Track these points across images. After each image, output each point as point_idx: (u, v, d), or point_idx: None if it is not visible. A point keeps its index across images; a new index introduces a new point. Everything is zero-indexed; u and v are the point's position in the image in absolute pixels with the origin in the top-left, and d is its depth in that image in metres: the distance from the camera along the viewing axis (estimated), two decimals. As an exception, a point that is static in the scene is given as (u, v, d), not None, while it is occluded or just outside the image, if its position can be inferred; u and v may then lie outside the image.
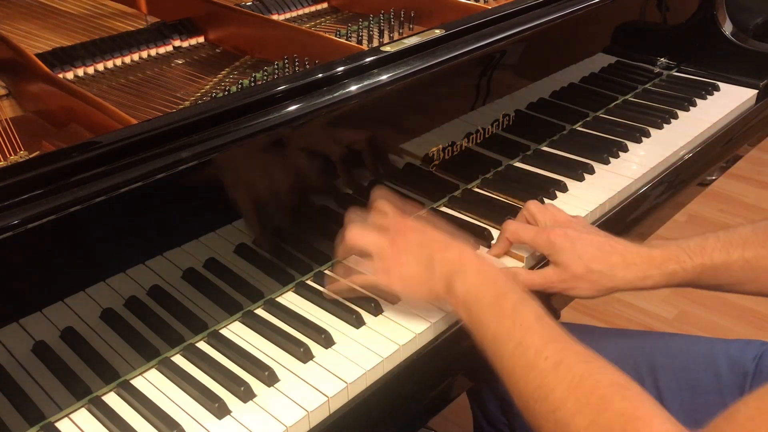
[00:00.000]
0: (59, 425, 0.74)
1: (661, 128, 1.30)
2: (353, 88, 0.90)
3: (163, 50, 1.19)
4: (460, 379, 0.90)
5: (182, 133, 0.78)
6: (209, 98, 1.05)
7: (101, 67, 1.12)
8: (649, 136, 1.26)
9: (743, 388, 0.91)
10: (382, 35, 1.25)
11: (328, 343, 0.82)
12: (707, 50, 1.52)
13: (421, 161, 1.02)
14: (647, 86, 1.45)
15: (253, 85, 1.07)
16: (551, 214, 0.94)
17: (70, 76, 1.09)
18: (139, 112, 1.00)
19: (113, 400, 0.77)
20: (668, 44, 1.50)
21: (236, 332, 0.85)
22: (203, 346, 0.83)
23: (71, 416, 0.75)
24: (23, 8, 1.31)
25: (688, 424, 0.65)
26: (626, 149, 1.22)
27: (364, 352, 0.81)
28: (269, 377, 0.78)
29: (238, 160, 0.82)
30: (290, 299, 0.90)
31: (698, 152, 1.27)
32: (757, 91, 1.41)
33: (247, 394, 0.76)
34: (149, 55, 1.18)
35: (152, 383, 0.79)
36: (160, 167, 0.75)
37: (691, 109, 1.36)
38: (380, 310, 0.86)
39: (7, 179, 0.68)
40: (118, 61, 1.14)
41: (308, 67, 1.10)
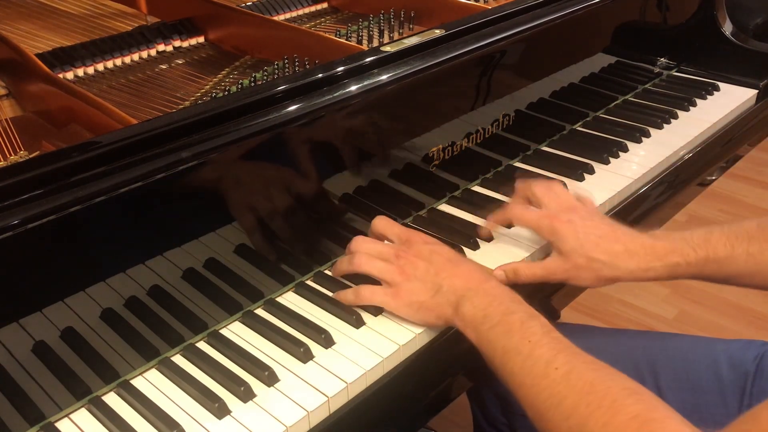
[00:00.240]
0: (59, 425, 0.74)
1: (661, 128, 1.30)
2: (353, 88, 0.90)
3: (163, 50, 1.19)
4: (460, 379, 0.90)
5: (182, 133, 0.78)
6: (209, 98, 1.05)
7: (101, 67, 1.12)
8: (649, 136, 1.26)
9: (744, 388, 0.91)
10: (382, 35, 1.25)
11: (328, 343, 0.82)
12: (707, 50, 1.52)
13: (421, 161, 1.02)
14: (647, 86, 1.45)
15: (253, 85, 1.07)
16: (555, 196, 0.93)
17: (70, 76, 1.09)
18: (139, 112, 1.00)
19: (113, 400, 0.77)
20: (668, 44, 1.50)
21: (236, 332, 0.85)
22: (203, 346, 0.83)
23: (71, 416, 0.75)
24: (23, 8, 1.30)
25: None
26: (626, 149, 1.22)
27: (364, 352, 0.81)
28: (269, 377, 0.78)
29: (238, 160, 0.82)
30: (290, 299, 0.90)
31: (698, 152, 1.27)
32: (757, 91, 1.41)
33: (247, 394, 0.76)
34: (149, 54, 1.18)
35: (152, 383, 0.79)
36: (160, 167, 0.75)
37: (691, 109, 1.36)
38: (380, 310, 0.86)
39: (7, 179, 0.68)
40: (118, 61, 1.14)
41: (308, 67, 1.10)
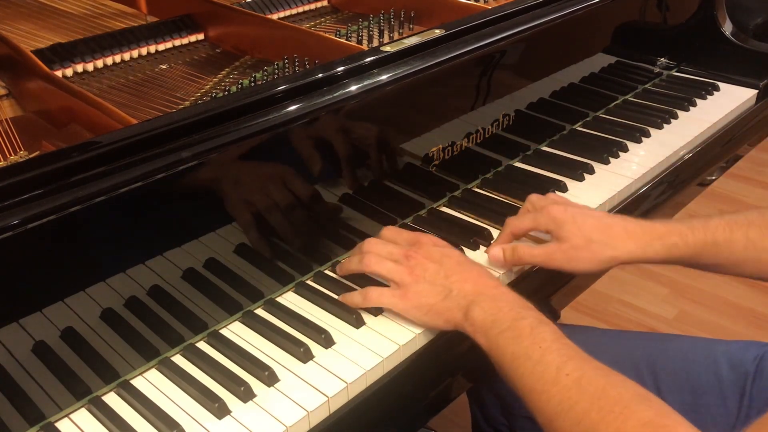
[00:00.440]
0: (59, 425, 0.74)
1: (661, 128, 1.30)
2: (353, 88, 0.90)
3: (163, 49, 1.19)
4: (459, 379, 0.90)
5: (182, 133, 0.78)
6: (209, 98, 1.05)
7: (101, 63, 1.12)
8: (649, 136, 1.26)
9: (744, 389, 0.91)
10: (382, 35, 1.25)
11: (328, 343, 0.82)
12: (707, 50, 1.52)
13: (421, 161, 1.02)
14: (647, 86, 1.45)
15: (253, 85, 1.07)
16: (551, 200, 0.95)
17: (69, 73, 1.09)
18: (139, 112, 1.00)
19: (113, 400, 0.77)
20: (668, 44, 1.50)
21: (236, 332, 0.85)
22: (203, 346, 0.83)
23: (71, 416, 0.75)
24: (23, 8, 1.30)
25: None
26: (626, 149, 1.22)
27: (364, 352, 0.81)
28: (269, 377, 0.78)
29: (238, 160, 0.82)
30: (290, 299, 0.90)
31: (698, 152, 1.27)
32: (757, 91, 1.41)
33: (247, 394, 0.76)
34: (149, 52, 1.17)
35: (152, 383, 0.79)
36: (160, 167, 0.75)
37: (691, 109, 1.36)
38: (380, 310, 0.86)
39: (7, 179, 0.68)
40: (117, 57, 1.14)
41: (308, 67, 1.10)
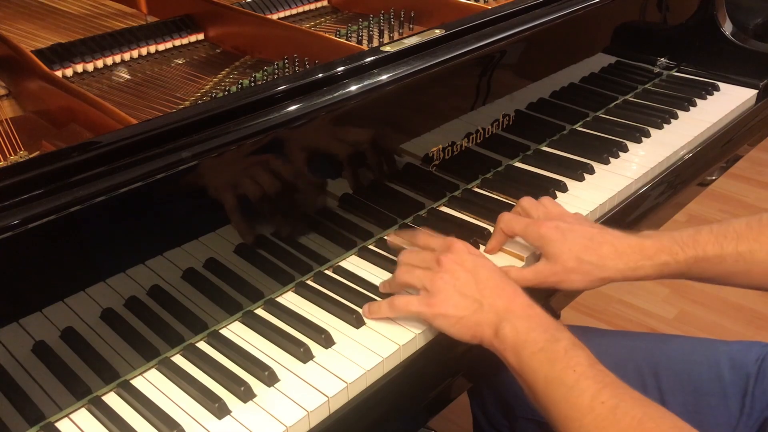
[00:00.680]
0: (59, 425, 0.74)
1: (661, 128, 1.30)
2: (353, 88, 0.90)
3: (163, 49, 1.19)
4: (460, 379, 0.90)
5: (182, 133, 0.78)
6: (209, 98, 1.05)
7: (101, 63, 1.12)
8: (649, 136, 1.26)
9: (745, 390, 0.91)
10: (382, 35, 1.25)
11: (328, 343, 0.82)
12: (707, 50, 1.52)
13: (421, 161, 1.02)
14: (647, 86, 1.45)
15: (253, 85, 1.07)
16: (544, 208, 0.94)
17: (69, 73, 1.09)
18: (139, 112, 1.00)
19: (113, 400, 0.77)
20: (668, 44, 1.50)
21: (236, 332, 0.85)
22: (203, 346, 0.83)
23: (71, 416, 0.75)
24: (23, 8, 1.30)
25: (690, 425, 0.65)
26: (626, 149, 1.22)
27: (364, 352, 0.81)
28: (269, 377, 0.77)
29: (238, 160, 0.82)
30: (290, 299, 0.90)
31: (698, 152, 1.27)
32: (757, 91, 1.41)
33: (247, 394, 0.76)
34: (149, 52, 1.17)
35: (152, 383, 0.79)
36: (160, 167, 0.75)
37: (691, 109, 1.36)
38: (380, 310, 0.86)
39: (7, 179, 0.68)
40: (117, 57, 1.14)
41: (308, 67, 1.10)
